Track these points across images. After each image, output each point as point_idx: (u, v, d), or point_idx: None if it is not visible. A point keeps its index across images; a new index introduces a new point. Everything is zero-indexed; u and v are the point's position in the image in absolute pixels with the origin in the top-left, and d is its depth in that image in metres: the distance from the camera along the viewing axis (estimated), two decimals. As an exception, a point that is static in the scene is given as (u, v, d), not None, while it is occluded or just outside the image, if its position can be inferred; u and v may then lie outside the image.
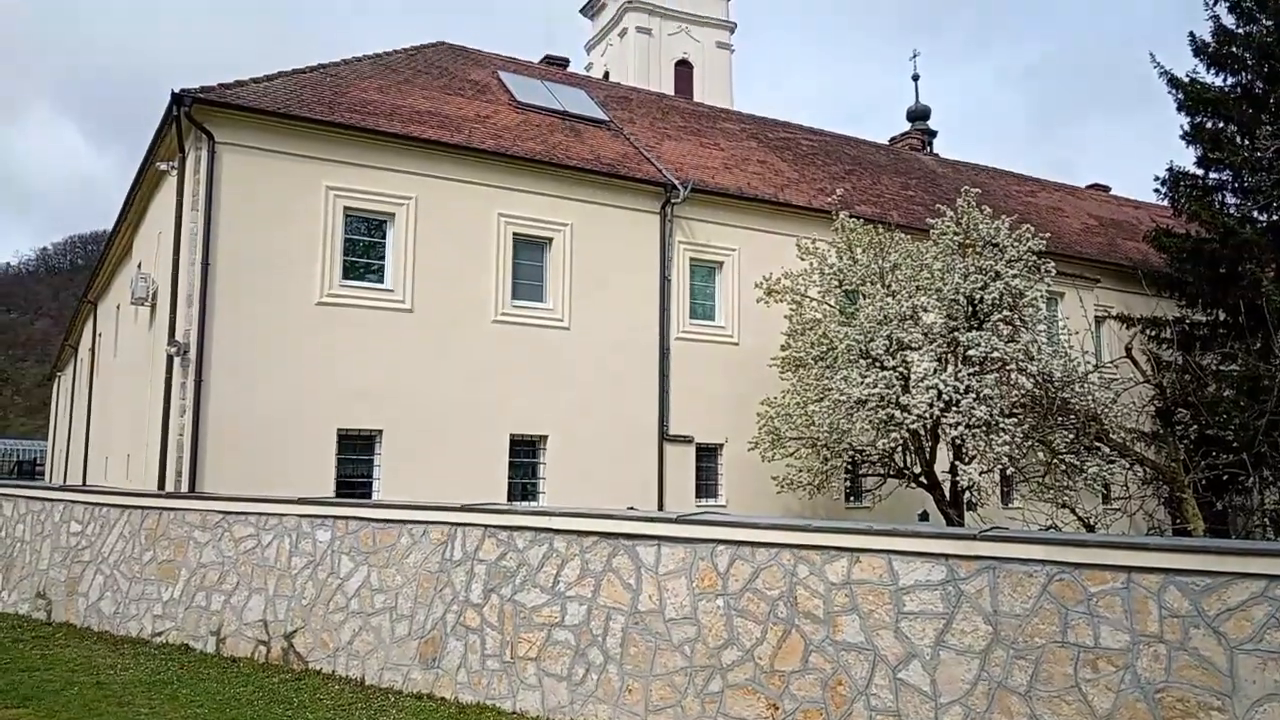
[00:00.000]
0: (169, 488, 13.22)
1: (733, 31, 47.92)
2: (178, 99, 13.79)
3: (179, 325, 13.78)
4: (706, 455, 17.91)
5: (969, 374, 14.45)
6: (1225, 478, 14.34)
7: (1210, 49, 21.59)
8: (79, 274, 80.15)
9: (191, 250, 13.89)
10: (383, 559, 9.47)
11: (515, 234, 16.42)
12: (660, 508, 16.78)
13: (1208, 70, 21.77)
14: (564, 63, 25.06)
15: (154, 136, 15.04)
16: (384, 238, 15.44)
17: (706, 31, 47.01)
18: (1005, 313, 14.87)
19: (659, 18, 45.98)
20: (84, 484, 22.56)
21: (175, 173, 14.41)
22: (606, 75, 44.63)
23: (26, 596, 12.36)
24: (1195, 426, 13.07)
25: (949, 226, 15.59)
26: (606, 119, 20.14)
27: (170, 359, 13.66)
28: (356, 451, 14.82)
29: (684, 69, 46.03)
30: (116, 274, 22.00)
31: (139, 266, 17.84)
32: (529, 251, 16.68)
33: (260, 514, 10.51)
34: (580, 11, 50.95)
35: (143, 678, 9.10)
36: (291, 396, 14.13)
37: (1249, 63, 21.15)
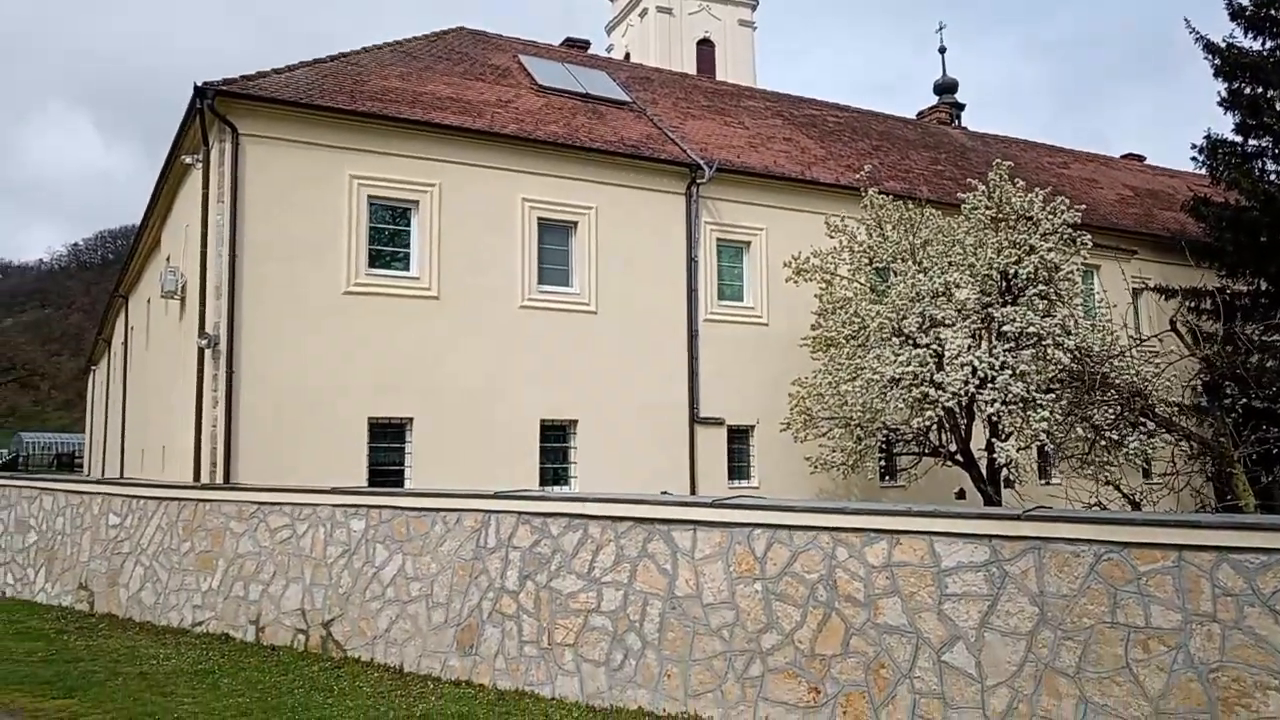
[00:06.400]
0: (204, 479, 13.31)
1: (754, 9, 47.36)
2: (200, 92, 13.76)
3: (208, 317, 13.84)
4: (738, 437, 17.78)
5: (1004, 350, 14.22)
6: (1276, 451, 14.05)
7: (1248, 12, 21.00)
8: (109, 268, 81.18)
9: (218, 243, 13.91)
10: (417, 547, 9.48)
11: (540, 218, 16.32)
12: (693, 491, 16.70)
13: (1245, 34, 21.18)
14: (585, 45, 24.85)
15: (178, 130, 15.06)
16: (408, 225, 15.40)
17: (728, 9, 46.50)
18: (1041, 287, 14.61)
19: (679, -4, 45.52)
20: (122, 476, 22.85)
21: (200, 165, 14.41)
22: (628, 56, 44.31)
23: (69, 589, 12.53)
24: (1243, 400, 12.74)
25: (980, 201, 15.33)
26: (629, 100, 19.96)
27: (201, 351, 13.72)
28: (388, 440, 14.84)
29: (706, 48, 45.58)
30: (146, 267, 22.18)
31: (168, 260, 17.94)
32: (554, 235, 16.58)
33: (294, 504, 10.56)
34: (600, -7, 50.67)
35: (185, 667, 9.18)
36: (322, 386, 14.16)
37: (1289, 24, 20.53)
